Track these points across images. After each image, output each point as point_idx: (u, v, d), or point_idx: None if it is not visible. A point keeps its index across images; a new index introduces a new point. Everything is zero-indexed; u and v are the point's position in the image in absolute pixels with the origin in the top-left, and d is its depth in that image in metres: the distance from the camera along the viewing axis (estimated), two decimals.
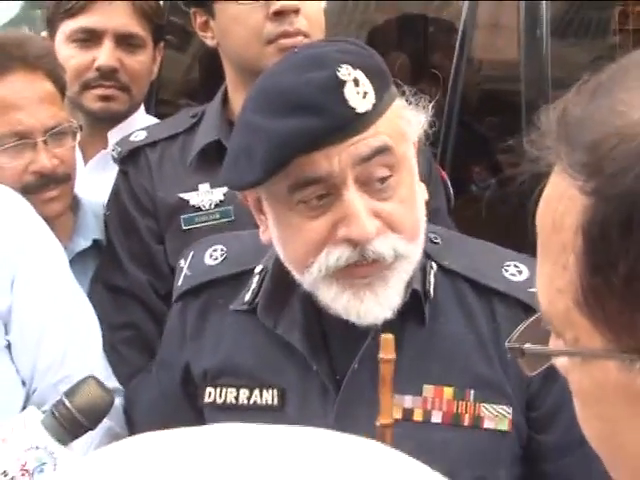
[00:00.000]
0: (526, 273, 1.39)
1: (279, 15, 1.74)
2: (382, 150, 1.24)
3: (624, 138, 0.67)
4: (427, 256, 1.38)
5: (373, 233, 1.24)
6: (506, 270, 1.39)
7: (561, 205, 0.71)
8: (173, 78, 3.35)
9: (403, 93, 1.34)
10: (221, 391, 1.41)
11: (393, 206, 1.26)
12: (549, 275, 0.73)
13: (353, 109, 1.21)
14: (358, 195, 1.23)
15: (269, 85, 1.28)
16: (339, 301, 1.29)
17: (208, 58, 3.09)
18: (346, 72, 1.21)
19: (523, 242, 1.46)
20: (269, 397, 1.37)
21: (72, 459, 1.28)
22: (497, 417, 1.33)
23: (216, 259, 1.49)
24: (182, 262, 1.53)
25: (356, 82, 1.22)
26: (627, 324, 0.68)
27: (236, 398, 1.40)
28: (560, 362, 0.76)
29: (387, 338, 1.15)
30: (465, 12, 2.60)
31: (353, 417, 1.30)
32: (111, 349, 1.78)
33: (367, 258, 1.25)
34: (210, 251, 1.50)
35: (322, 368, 1.35)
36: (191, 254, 1.53)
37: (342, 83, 1.21)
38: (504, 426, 1.33)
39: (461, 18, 2.61)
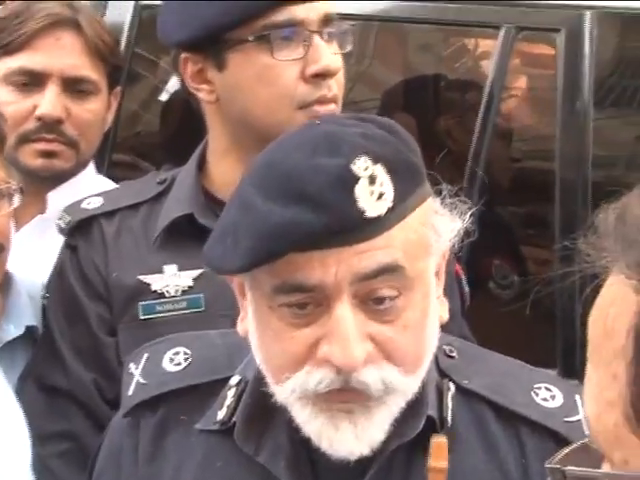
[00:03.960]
0: (560, 398, 1.43)
1: (317, 77, 1.80)
2: (391, 269, 1.27)
3: None
4: (441, 373, 1.43)
5: (360, 361, 1.27)
6: (536, 394, 1.43)
7: (614, 308, 0.79)
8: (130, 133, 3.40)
9: (439, 192, 1.38)
10: None
11: (394, 331, 1.29)
12: (598, 386, 0.80)
13: (362, 212, 1.24)
14: (351, 313, 1.26)
15: (276, 160, 1.31)
16: (312, 424, 1.32)
17: (171, 111, 3.19)
18: (363, 166, 1.25)
19: (549, 354, 1.49)
20: None
21: None
22: None
23: (178, 364, 1.52)
24: (132, 366, 1.55)
25: (372, 180, 1.25)
26: None
27: None
28: None
29: (440, 443, 1.19)
30: (492, 73, 2.66)
31: None
32: (41, 465, 1.79)
33: (350, 388, 1.29)
34: (170, 354, 1.53)
35: None
36: (145, 357, 1.55)
37: (355, 179, 1.25)
38: None
39: (487, 80, 2.67)
